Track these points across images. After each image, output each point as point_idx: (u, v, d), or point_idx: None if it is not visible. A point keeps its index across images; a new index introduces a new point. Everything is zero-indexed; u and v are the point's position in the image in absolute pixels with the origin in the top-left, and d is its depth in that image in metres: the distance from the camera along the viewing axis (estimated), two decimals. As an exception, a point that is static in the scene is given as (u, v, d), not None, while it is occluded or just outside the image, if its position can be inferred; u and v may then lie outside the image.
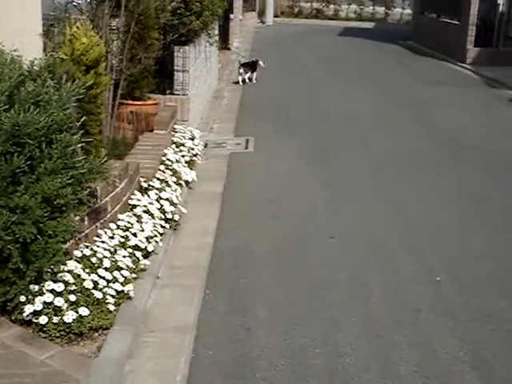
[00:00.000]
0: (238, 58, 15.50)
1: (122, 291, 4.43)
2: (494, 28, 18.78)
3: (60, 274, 4.15)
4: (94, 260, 4.51)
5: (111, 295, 4.31)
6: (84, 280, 4.24)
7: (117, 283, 4.41)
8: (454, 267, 5.42)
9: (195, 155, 7.80)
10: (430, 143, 9.56)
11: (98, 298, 4.20)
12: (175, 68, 9.10)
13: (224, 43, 18.11)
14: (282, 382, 3.85)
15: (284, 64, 17.17)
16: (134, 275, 4.71)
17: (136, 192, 5.81)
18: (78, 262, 4.42)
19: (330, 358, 4.08)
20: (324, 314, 4.62)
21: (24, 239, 3.76)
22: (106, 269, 4.46)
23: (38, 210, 3.80)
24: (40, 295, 4.00)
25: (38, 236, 3.85)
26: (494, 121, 11.42)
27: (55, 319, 3.96)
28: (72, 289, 4.13)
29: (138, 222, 5.34)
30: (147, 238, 5.20)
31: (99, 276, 4.36)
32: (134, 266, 4.79)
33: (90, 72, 5.40)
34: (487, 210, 6.85)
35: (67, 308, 4.02)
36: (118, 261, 4.64)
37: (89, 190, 4.36)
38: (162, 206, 5.84)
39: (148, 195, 5.90)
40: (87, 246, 4.64)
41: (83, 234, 4.71)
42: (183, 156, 7.37)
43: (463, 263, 5.51)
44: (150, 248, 5.15)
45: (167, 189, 6.22)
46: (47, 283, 4.05)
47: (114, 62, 7.15)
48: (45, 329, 3.96)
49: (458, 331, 4.43)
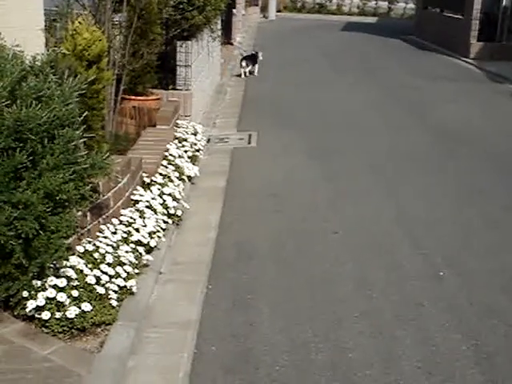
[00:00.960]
0: (240, 51, 15.52)
1: (125, 286, 4.43)
2: (498, 22, 18.72)
3: (62, 270, 4.15)
4: (96, 255, 4.51)
5: (114, 290, 4.31)
6: (86, 275, 4.24)
7: (119, 278, 4.41)
8: (457, 262, 5.41)
9: (198, 150, 7.79)
10: (433, 139, 9.54)
11: (100, 294, 4.20)
12: (178, 63, 9.10)
13: (226, 38, 18.10)
14: (284, 377, 3.85)
15: (286, 59, 17.15)
16: (136, 270, 4.71)
17: (138, 187, 5.81)
18: (81, 257, 4.42)
19: (332, 354, 4.08)
20: (326, 310, 4.62)
21: (26, 235, 3.75)
22: (109, 264, 4.46)
23: (40, 206, 3.80)
24: (43, 291, 4.00)
25: (41, 231, 3.84)
26: (497, 116, 11.39)
27: (58, 314, 3.96)
28: (74, 284, 4.12)
29: (140, 217, 5.34)
30: (150, 233, 5.20)
31: (102, 271, 4.35)
32: (137, 262, 4.79)
33: (92, 67, 5.39)
34: (491, 205, 6.84)
35: (70, 303, 4.01)
36: (120, 256, 4.64)
37: (91, 185, 4.36)
38: (165, 201, 5.84)
39: (151, 190, 5.89)
40: (90, 242, 4.64)
41: (86, 229, 4.72)
42: (186, 151, 7.37)
43: (466, 258, 5.50)
44: (152, 243, 5.14)
45: (170, 184, 6.22)
46: (50, 278, 4.05)
47: (116, 57, 7.14)
48: (47, 324, 3.96)
49: (460, 326, 4.42)
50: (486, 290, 4.96)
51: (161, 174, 6.37)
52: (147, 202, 5.65)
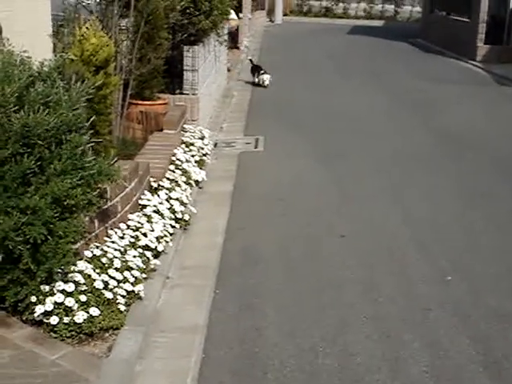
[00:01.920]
0: (249, 56, 15.49)
1: (133, 291, 4.44)
2: (505, 25, 18.68)
3: (70, 275, 4.16)
4: (104, 260, 4.52)
5: (122, 295, 4.32)
6: (94, 280, 4.24)
7: (127, 283, 4.42)
8: (463, 266, 5.40)
9: (205, 155, 7.81)
10: (439, 142, 9.52)
11: (108, 299, 4.21)
12: (184, 68, 9.11)
13: (233, 42, 18.11)
14: (292, 381, 3.85)
15: (293, 63, 17.16)
16: (144, 275, 4.71)
17: (146, 192, 5.82)
18: (89, 262, 4.43)
19: (339, 358, 4.08)
20: (333, 314, 4.62)
21: (34, 240, 3.77)
22: (117, 269, 4.47)
23: (48, 211, 3.81)
24: (51, 295, 4.01)
25: (49, 237, 3.85)
26: (504, 119, 11.36)
27: (66, 319, 3.97)
28: (82, 289, 4.13)
29: (148, 222, 5.35)
30: (157, 237, 5.20)
31: (110, 276, 4.36)
32: (145, 266, 4.80)
33: (99, 72, 5.41)
34: (497, 208, 6.82)
35: (78, 308, 4.02)
36: (128, 261, 4.65)
37: (98, 190, 4.37)
38: (172, 205, 5.85)
39: (158, 195, 5.91)
40: (97, 247, 4.65)
41: (93, 234, 4.73)
42: (193, 156, 7.39)
43: (473, 262, 5.49)
44: (160, 248, 5.15)
45: (177, 188, 6.23)
46: (58, 284, 4.06)
47: (123, 62, 7.17)
48: (56, 329, 3.97)
49: (468, 331, 4.42)
50: (493, 293, 4.95)
51: (168, 179, 6.38)
52: (155, 206, 5.66)
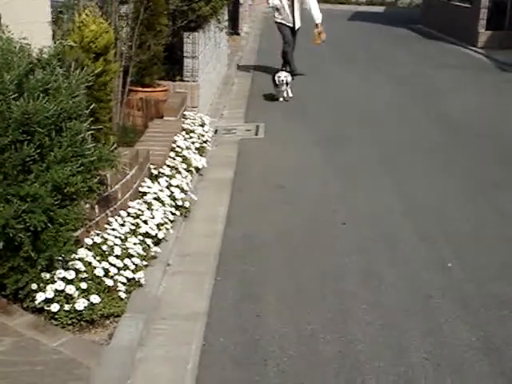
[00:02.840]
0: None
1: (133, 278, 4.44)
2: (506, 10, 18.58)
3: (71, 262, 4.16)
4: (104, 248, 4.53)
5: (122, 283, 4.32)
6: (95, 268, 4.25)
7: (128, 271, 4.42)
8: (465, 254, 5.40)
9: (205, 142, 7.79)
10: (441, 129, 9.49)
11: (109, 286, 4.22)
12: (185, 54, 9.08)
13: (233, 29, 18.04)
14: (293, 368, 3.86)
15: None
16: (144, 262, 4.72)
17: (146, 179, 5.81)
18: (89, 249, 4.44)
19: (340, 345, 4.08)
20: (335, 301, 4.62)
21: (35, 227, 3.77)
22: (117, 256, 4.47)
23: (49, 199, 3.81)
24: (51, 283, 4.02)
25: (49, 224, 3.85)
26: (505, 105, 11.33)
27: (67, 307, 3.98)
28: (83, 276, 4.14)
29: (148, 209, 5.34)
30: (158, 225, 5.20)
31: (110, 264, 4.37)
32: (145, 254, 4.80)
33: (99, 59, 5.38)
34: (498, 195, 6.81)
35: (78, 296, 4.03)
36: (128, 248, 4.65)
37: (99, 177, 4.36)
38: (173, 193, 5.84)
39: (158, 182, 5.90)
40: (98, 234, 4.65)
41: (94, 221, 4.72)
42: (193, 142, 7.37)
43: (475, 250, 5.49)
44: (160, 235, 5.15)
45: (177, 176, 6.22)
46: (58, 271, 4.07)
47: (123, 48, 7.13)
48: (56, 316, 3.98)
49: (469, 318, 4.42)
50: (494, 281, 4.95)
51: (168, 166, 6.37)
52: (155, 193, 5.66)
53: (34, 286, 4.01)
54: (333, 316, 4.42)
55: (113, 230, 4.82)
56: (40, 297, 3.98)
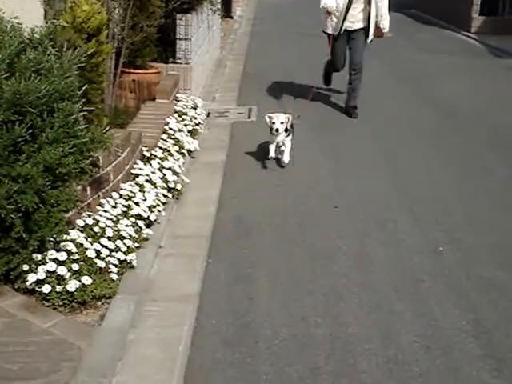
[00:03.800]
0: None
1: (125, 260, 4.44)
2: (500, -5, 18.56)
3: (63, 244, 4.15)
4: (96, 229, 4.51)
5: (114, 264, 4.31)
6: (87, 249, 4.24)
7: (119, 252, 4.42)
8: (456, 237, 5.41)
9: (198, 124, 7.77)
10: (433, 114, 9.48)
11: (100, 267, 4.21)
12: (177, 36, 9.03)
13: (226, 11, 17.95)
14: (284, 351, 3.87)
15: (287, 32, 17.01)
16: (136, 244, 4.71)
17: (138, 161, 5.80)
18: (81, 231, 4.42)
19: (331, 328, 4.09)
20: (326, 284, 4.63)
21: (26, 208, 3.75)
22: (109, 238, 4.46)
23: (40, 180, 3.79)
24: (43, 264, 4.00)
25: (41, 205, 3.83)
26: (497, 91, 11.32)
27: (58, 288, 3.97)
28: (75, 258, 4.13)
29: (140, 191, 5.33)
30: (150, 207, 5.19)
31: (102, 245, 4.36)
32: (137, 236, 4.79)
33: (91, 40, 5.34)
34: (491, 180, 6.83)
35: (70, 277, 4.02)
36: (120, 230, 4.64)
37: (91, 159, 4.34)
38: (165, 175, 5.83)
39: (150, 164, 5.88)
40: (90, 216, 4.64)
41: (85, 203, 4.71)
42: (186, 125, 7.35)
43: (466, 233, 5.50)
44: (152, 217, 5.14)
45: (170, 158, 6.21)
46: (50, 252, 4.05)
47: (115, 30, 7.08)
48: (48, 297, 3.97)
49: (460, 301, 4.44)
50: (485, 265, 4.97)
51: (161, 148, 6.35)
52: (147, 175, 5.64)
53: (25, 267, 4.00)
54: (324, 298, 4.43)
55: (104, 211, 4.80)
56: (31, 278, 3.97)
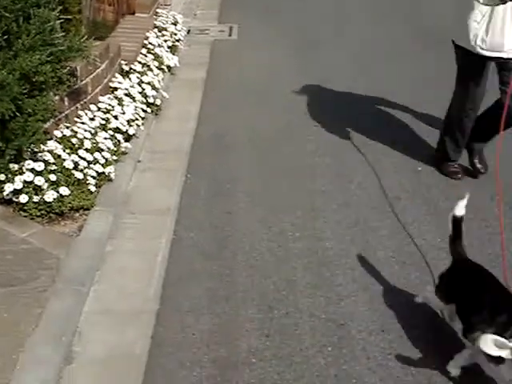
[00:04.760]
0: None
1: (103, 173, 4.42)
2: None
3: (40, 154, 4.12)
4: (74, 141, 4.47)
5: (92, 176, 4.29)
6: (64, 160, 4.21)
7: (98, 164, 4.39)
8: (432, 160, 5.39)
9: (178, 40, 7.63)
10: (411, 33, 9.27)
11: (78, 179, 4.19)
12: None
13: None
14: (262, 263, 3.91)
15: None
16: (114, 158, 4.69)
17: (117, 74, 5.70)
18: (59, 142, 4.38)
19: (309, 242, 4.14)
20: (305, 200, 4.65)
21: (3, 116, 3.69)
22: (87, 150, 4.43)
23: (16, 87, 3.72)
24: (20, 174, 3.98)
25: (17, 114, 3.78)
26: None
27: (35, 198, 3.95)
28: (52, 169, 4.10)
29: (119, 104, 5.26)
30: (128, 121, 5.14)
31: (80, 157, 4.33)
32: (115, 149, 4.76)
33: None
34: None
35: (48, 187, 4.00)
36: (98, 142, 4.60)
37: (68, 68, 4.27)
38: (144, 89, 5.75)
39: (129, 78, 5.80)
40: (67, 127, 4.59)
41: (63, 114, 4.65)
42: (166, 41, 7.22)
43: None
44: (131, 131, 5.10)
45: (149, 73, 6.11)
46: (27, 162, 4.02)
47: None
48: (25, 208, 3.96)
49: (435, 220, 4.48)
50: (461, 187, 4.99)
51: (140, 63, 6.24)
52: (126, 89, 5.56)
53: (2, 177, 3.97)
54: (302, 214, 4.46)
55: (82, 123, 4.75)
56: (8, 188, 3.94)
